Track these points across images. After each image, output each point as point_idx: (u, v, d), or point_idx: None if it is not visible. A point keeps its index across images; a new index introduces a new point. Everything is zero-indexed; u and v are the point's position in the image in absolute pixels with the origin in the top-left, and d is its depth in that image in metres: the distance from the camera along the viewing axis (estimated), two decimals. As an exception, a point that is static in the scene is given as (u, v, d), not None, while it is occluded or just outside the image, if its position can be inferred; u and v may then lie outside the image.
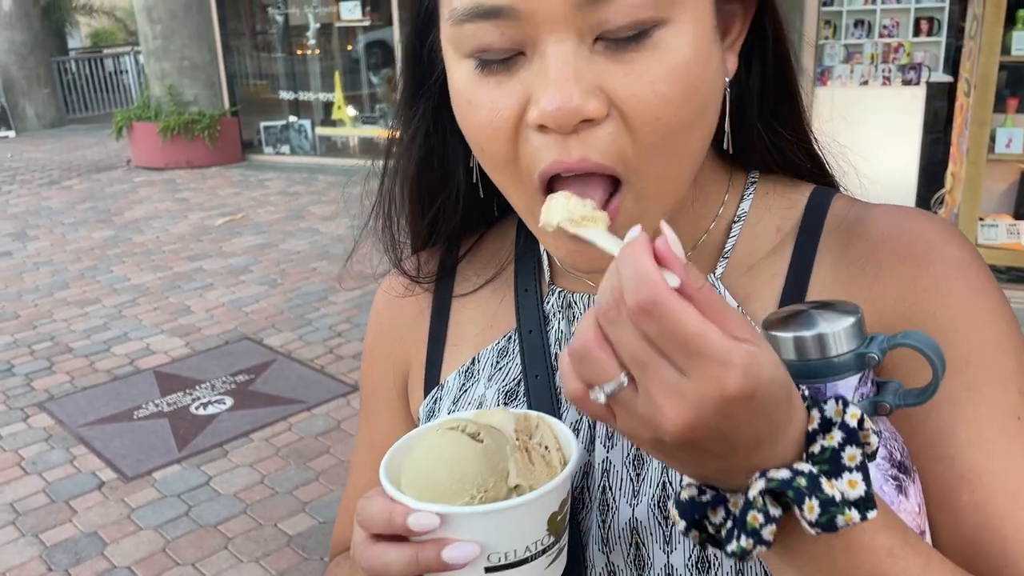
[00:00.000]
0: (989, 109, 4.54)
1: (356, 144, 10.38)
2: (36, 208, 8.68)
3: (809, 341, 0.55)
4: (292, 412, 4.18)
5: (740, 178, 0.76)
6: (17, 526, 3.39)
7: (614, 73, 0.57)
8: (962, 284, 0.65)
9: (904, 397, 0.56)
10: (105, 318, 5.55)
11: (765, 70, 0.70)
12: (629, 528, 0.67)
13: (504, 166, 0.63)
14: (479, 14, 0.57)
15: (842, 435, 0.50)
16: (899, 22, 6.60)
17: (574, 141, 0.58)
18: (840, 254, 0.69)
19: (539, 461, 0.61)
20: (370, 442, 0.90)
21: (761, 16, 0.68)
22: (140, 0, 10.03)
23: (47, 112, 14.04)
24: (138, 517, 3.41)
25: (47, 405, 4.39)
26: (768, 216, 0.74)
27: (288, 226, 7.53)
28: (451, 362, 0.80)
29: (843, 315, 0.55)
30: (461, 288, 0.82)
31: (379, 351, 0.87)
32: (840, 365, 0.55)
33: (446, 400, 0.79)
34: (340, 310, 5.45)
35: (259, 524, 3.33)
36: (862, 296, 0.67)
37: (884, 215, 0.70)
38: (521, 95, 0.59)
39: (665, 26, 0.57)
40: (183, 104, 10.10)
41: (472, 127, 0.63)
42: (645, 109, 0.58)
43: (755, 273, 0.71)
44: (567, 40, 0.56)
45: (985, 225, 4.77)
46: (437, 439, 0.62)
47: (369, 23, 10.02)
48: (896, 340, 0.55)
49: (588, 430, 0.71)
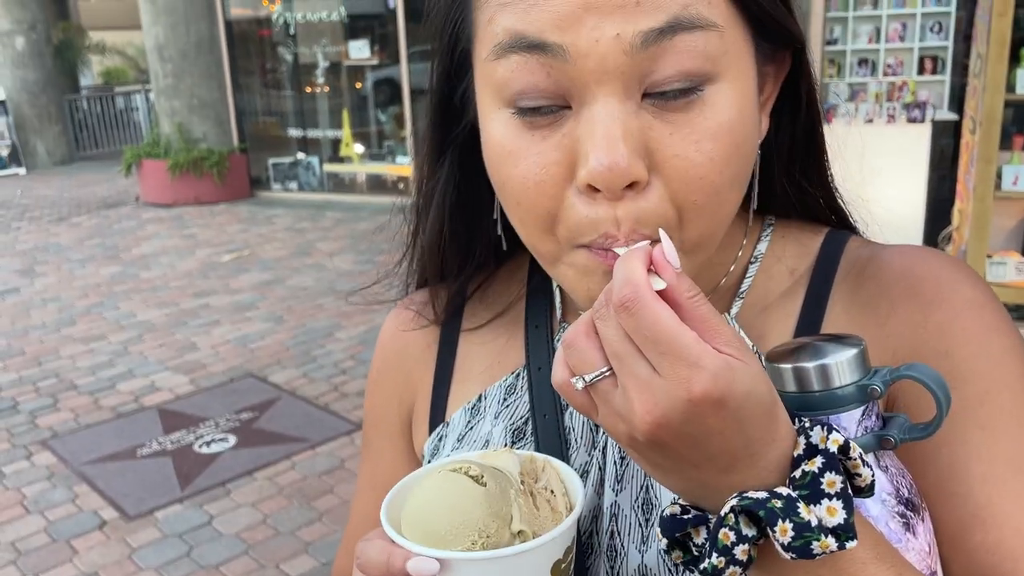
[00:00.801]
0: (995, 147, 4.54)
1: (364, 181, 10.43)
2: (44, 244, 8.73)
3: (811, 372, 0.54)
4: (296, 451, 4.14)
5: (758, 222, 0.76)
6: (18, 566, 3.36)
7: (660, 132, 0.56)
8: (975, 323, 0.64)
9: (909, 431, 0.55)
10: (111, 355, 5.54)
11: (795, 131, 0.71)
12: (639, 575, 0.66)
13: (539, 222, 0.60)
14: (525, 46, 0.55)
15: (822, 460, 0.50)
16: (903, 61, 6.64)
17: (622, 212, 0.56)
18: (852, 295, 0.69)
19: (544, 506, 0.60)
20: (371, 479, 0.89)
21: (795, 77, 0.68)
22: (152, 40, 10.17)
23: (58, 149, 14.17)
24: (139, 557, 3.38)
25: (51, 443, 4.37)
26: (783, 258, 0.74)
27: (295, 262, 7.54)
28: (457, 399, 0.79)
29: (846, 347, 0.55)
30: (469, 323, 0.81)
31: (384, 384, 0.86)
32: (842, 397, 0.54)
33: (451, 437, 0.78)
34: (345, 347, 5.43)
35: (261, 565, 3.29)
36: (874, 335, 0.66)
37: (897, 255, 0.69)
38: (569, 150, 0.57)
39: (713, 83, 0.57)
40: (192, 141, 10.19)
41: (509, 179, 0.60)
42: (689, 168, 0.56)
43: (768, 313, 0.71)
44: (615, 94, 0.55)
45: (993, 263, 4.74)
46: (439, 481, 0.60)
47: (377, 62, 10.13)
48: (899, 372, 0.54)
49: (598, 472, 0.70)
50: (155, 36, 10.10)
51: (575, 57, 0.54)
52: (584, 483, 0.70)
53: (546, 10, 0.54)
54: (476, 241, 0.78)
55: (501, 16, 0.56)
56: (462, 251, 0.79)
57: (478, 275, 0.82)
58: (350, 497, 3.70)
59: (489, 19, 0.58)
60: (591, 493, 0.70)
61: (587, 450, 0.71)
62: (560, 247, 0.61)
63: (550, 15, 0.54)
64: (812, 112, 0.70)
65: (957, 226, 5.04)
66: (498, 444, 0.74)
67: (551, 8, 0.54)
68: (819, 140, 0.72)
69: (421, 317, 0.83)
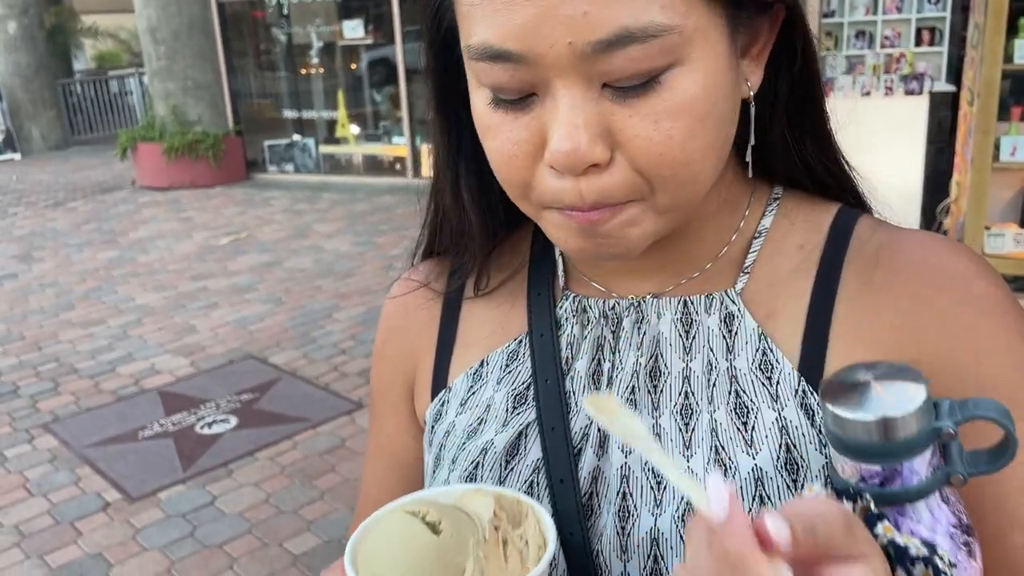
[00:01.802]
0: (993, 118, 4.52)
1: (360, 162, 10.40)
2: (41, 230, 8.71)
3: (883, 424, 0.51)
4: (297, 430, 4.16)
5: (764, 192, 0.75)
6: (22, 548, 3.38)
7: (620, 116, 0.58)
8: (1002, 327, 0.65)
9: (975, 463, 0.53)
10: (110, 338, 5.55)
11: (792, 81, 0.70)
12: (650, 539, 0.66)
13: (515, 189, 0.64)
14: (490, 56, 0.58)
15: None
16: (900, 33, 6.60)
17: (585, 185, 0.60)
18: (866, 279, 0.68)
19: (514, 556, 0.59)
20: (377, 448, 0.90)
21: (789, 28, 0.67)
22: (144, 21, 10.10)
23: (52, 134, 14.11)
24: (143, 538, 3.40)
25: (52, 426, 4.38)
26: (791, 233, 0.73)
27: (292, 244, 7.54)
28: (459, 364, 0.80)
29: (910, 387, 0.52)
30: (472, 291, 0.82)
31: (388, 355, 0.87)
32: (915, 443, 0.51)
33: (453, 403, 0.78)
34: (344, 327, 5.44)
35: (264, 543, 3.31)
36: (894, 325, 0.66)
37: (917, 242, 0.69)
38: (537, 131, 0.60)
39: (672, 68, 0.57)
40: (187, 124, 10.15)
41: (489, 151, 0.64)
42: (649, 147, 0.58)
43: (777, 291, 0.70)
44: (575, 86, 0.57)
45: (992, 234, 4.74)
46: (394, 524, 0.60)
47: (372, 41, 10.07)
48: (968, 412, 0.52)
49: (597, 434, 0.70)
50: (147, 17, 10.04)
51: (534, 60, 0.57)
52: (585, 445, 0.71)
53: (508, 19, 0.56)
54: (486, 211, 0.79)
55: (472, 17, 0.59)
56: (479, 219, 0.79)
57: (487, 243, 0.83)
58: (351, 476, 3.72)
59: (465, 15, 0.60)
60: (590, 456, 0.70)
61: (587, 414, 0.71)
62: (537, 209, 0.65)
63: (511, 24, 0.56)
64: (808, 61, 0.69)
65: (955, 198, 5.04)
66: (500, 408, 0.75)
67: (511, 18, 0.56)
68: (817, 90, 0.71)
69: (426, 288, 0.84)
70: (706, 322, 0.71)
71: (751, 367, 0.68)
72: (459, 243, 0.81)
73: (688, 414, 0.69)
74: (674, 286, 0.73)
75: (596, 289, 0.76)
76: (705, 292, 0.72)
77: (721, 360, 0.69)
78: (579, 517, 0.68)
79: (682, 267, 0.73)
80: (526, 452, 0.72)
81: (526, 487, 0.71)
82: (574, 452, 0.70)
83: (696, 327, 0.71)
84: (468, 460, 0.74)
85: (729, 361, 0.69)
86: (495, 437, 0.74)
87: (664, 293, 0.73)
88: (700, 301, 0.72)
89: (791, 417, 0.66)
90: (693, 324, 0.71)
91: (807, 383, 0.66)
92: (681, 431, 0.68)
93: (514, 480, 0.72)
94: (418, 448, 0.85)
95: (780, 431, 0.65)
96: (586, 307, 0.76)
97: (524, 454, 0.72)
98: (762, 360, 0.68)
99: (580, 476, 0.70)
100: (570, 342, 0.75)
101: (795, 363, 0.67)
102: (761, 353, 0.68)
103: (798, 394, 0.66)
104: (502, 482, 0.72)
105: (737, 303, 0.70)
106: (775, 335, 0.69)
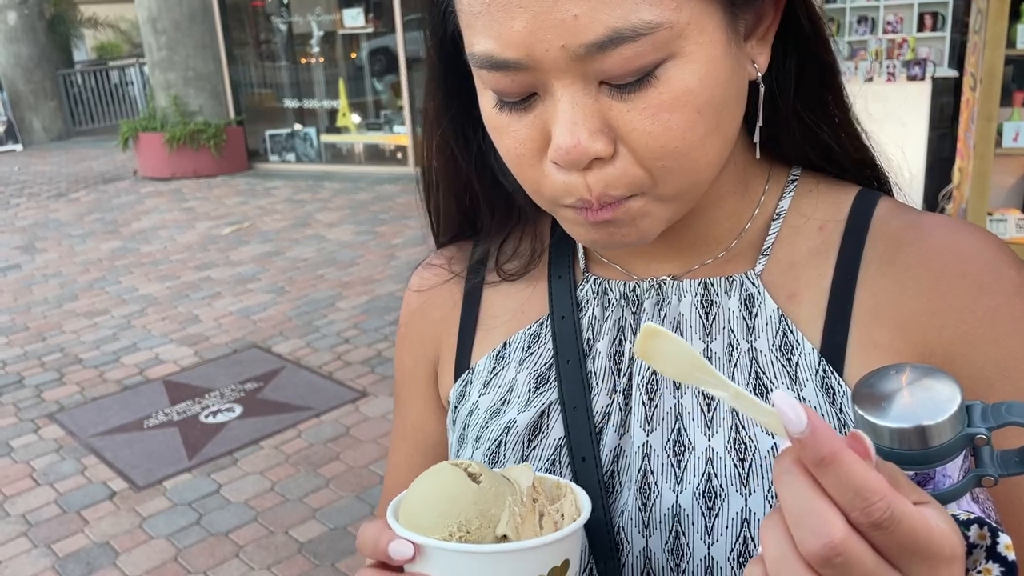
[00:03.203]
0: (995, 103, 4.51)
1: (361, 151, 10.39)
2: (44, 221, 8.72)
3: (919, 432, 0.51)
4: (301, 419, 4.18)
5: (781, 174, 0.75)
6: (29, 537, 3.40)
7: (619, 110, 0.59)
8: (1023, 311, 0.65)
9: (1006, 464, 0.53)
10: (114, 329, 5.56)
11: (801, 60, 0.70)
12: (671, 515, 0.67)
13: (527, 185, 0.66)
14: (491, 65, 0.60)
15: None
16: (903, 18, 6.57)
17: (592, 179, 0.61)
18: (888, 260, 0.68)
19: (549, 526, 0.60)
20: (402, 430, 0.91)
21: (794, 7, 0.67)
22: (144, 12, 10.08)
23: (54, 125, 14.10)
24: (149, 526, 3.42)
25: (57, 416, 4.40)
26: (811, 214, 0.73)
27: (295, 234, 7.54)
28: (482, 346, 0.81)
29: (943, 392, 0.51)
30: (493, 275, 0.83)
31: (411, 339, 0.88)
32: (949, 449, 0.51)
33: (476, 383, 0.80)
34: (347, 316, 5.45)
35: (270, 531, 3.33)
36: (916, 307, 0.66)
37: (940, 226, 0.69)
38: (541, 129, 0.62)
39: (668, 62, 0.58)
40: (188, 114, 10.14)
41: (499, 148, 0.66)
42: (648, 140, 0.59)
43: (797, 272, 0.71)
44: (573, 85, 0.58)
45: (994, 220, 4.74)
46: (436, 473, 0.61)
47: (372, 30, 10.05)
48: (1002, 417, 0.51)
49: (619, 413, 0.72)
50: (148, 7, 10.02)
51: (532, 65, 0.58)
52: (607, 424, 0.72)
53: (506, 27, 0.57)
54: (499, 198, 0.81)
55: (473, 27, 0.60)
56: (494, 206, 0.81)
57: (501, 229, 0.84)
58: (356, 463, 3.74)
59: (467, 24, 0.61)
60: (612, 434, 0.71)
61: (608, 393, 0.73)
62: (551, 205, 0.66)
63: (509, 33, 0.57)
64: (816, 38, 0.69)
65: (957, 184, 5.03)
66: (523, 389, 0.76)
67: (509, 26, 0.57)
68: (827, 67, 0.71)
69: (447, 272, 0.85)
70: (726, 304, 0.72)
71: (771, 348, 0.69)
72: (478, 226, 0.82)
73: (709, 394, 0.69)
74: (694, 268, 0.74)
75: (616, 271, 0.77)
76: (725, 274, 0.73)
77: (742, 342, 0.70)
78: (601, 494, 0.70)
79: (700, 249, 0.74)
80: (548, 431, 0.73)
81: (548, 465, 0.72)
82: (595, 431, 0.72)
83: (717, 309, 0.72)
84: (491, 439, 0.75)
85: (750, 343, 0.70)
86: (518, 416, 0.75)
87: (684, 275, 0.74)
88: (720, 283, 0.73)
89: (810, 397, 0.67)
90: (713, 306, 0.72)
91: (827, 363, 0.67)
92: (703, 411, 0.69)
93: (536, 458, 0.73)
94: (443, 432, 0.86)
95: None
96: (607, 289, 0.77)
97: (547, 433, 0.73)
98: (783, 341, 0.69)
99: (602, 454, 0.71)
100: (591, 324, 0.76)
101: (816, 344, 0.68)
102: (781, 334, 0.69)
103: (818, 374, 0.67)
104: (525, 459, 0.73)
105: (757, 285, 0.71)
106: (796, 316, 0.69)
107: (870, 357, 0.67)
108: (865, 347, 0.67)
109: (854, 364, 0.67)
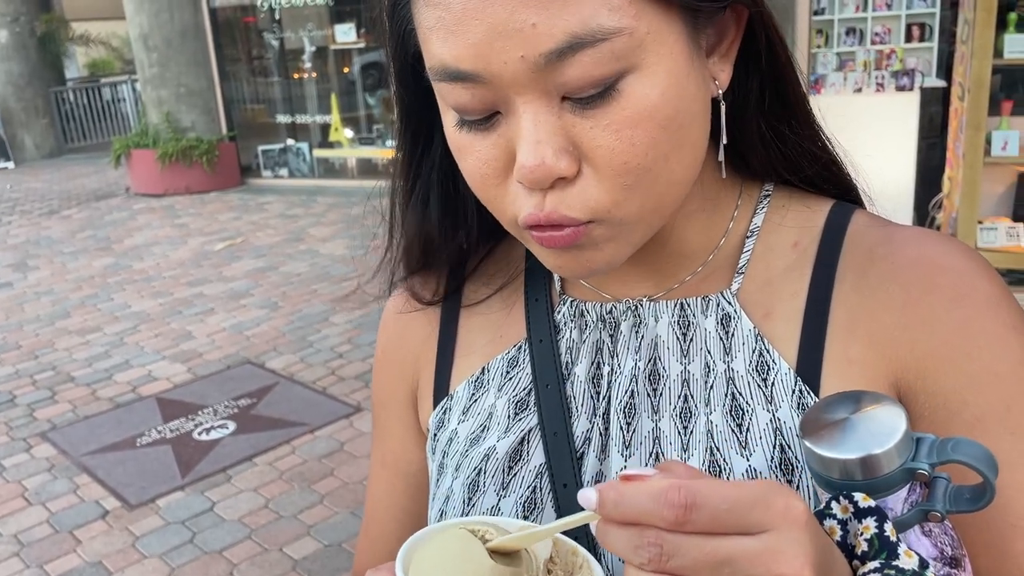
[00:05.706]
0: (984, 113, 4.54)
1: (354, 165, 10.40)
2: (36, 238, 8.70)
3: (858, 464, 0.51)
4: (295, 435, 4.16)
5: (753, 190, 0.75)
6: (21, 557, 3.38)
7: (582, 127, 0.58)
8: (996, 323, 0.64)
9: (956, 501, 0.52)
10: (106, 346, 5.54)
11: (762, 76, 0.69)
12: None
13: (492, 206, 0.65)
14: (449, 76, 0.59)
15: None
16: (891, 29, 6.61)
17: (549, 196, 0.60)
18: (862, 274, 0.68)
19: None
20: (382, 458, 0.90)
21: (753, 20, 0.66)
22: (136, 29, 10.09)
23: (45, 142, 14.08)
24: (143, 545, 3.40)
25: (49, 435, 4.38)
26: (784, 230, 0.72)
27: (288, 249, 7.53)
28: (460, 372, 0.80)
29: (887, 420, 0.52)
30: (469, 299, 0.82)
31: (388, 365, 0.87)
32: (889, 482, 0.51)
33: (455, 410, 0.79)
34: (341, 331, 5.44)
35: (264, 549, 3.31)
36: (888, 321, 0.66)
37: (912, 239, 0.68)
38: (504, 148, 0.61)
39: (629, 75, 0.57)
40: (181, 130, 10.14)
41: (463, 170, 0.65)
42: (612, 157, 0.58)
43: (773, 289, 0.70)
44: (535, 101, 0.58)
45: (984, 228, 4.76)
46: (452, 540, 0.58)
47: (364, 45, 10.07)
48: (947, 455, 0.51)
49: (599, 438, 0.71)
50: (139, 24, 10.02)
51: (490, 79, 0.57)
52: (587, 449, 0.71)
53: (462, 39, 0.56)
54: (467, 223, 0.79)
55: (430, 40, 0.59)
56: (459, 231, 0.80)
57: (476, 252, 0.83)
58: (350, 479, 3.72)
59: (425, 39, 0.60)
60: (592, 460, 0.70)
61: (588, 418, 0.72)
62: (517, 228, 0.64)
63: (464, 43, 0.56)
64: (775, 53, 0.68)
65: (947, 193, 5.06)
66: (502, 416, 0.75)
67: (465, 38, 0.56)
68: (789, 82, 0.70)
69: (421, 298, 0.84)
70: (703, 324, 0.71)
71: (748, 369, 0.68)
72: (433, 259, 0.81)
73: (687, 417, 0.69)
74: (669, 288, 0.73)
75: (592, 292, 0.76)
76: (701, 294, 0.72)
77: (719, 362, 0.69)
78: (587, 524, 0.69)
79: (674, 268, 0.73)
80: (529, 457, 0.72)
81: (529, 492, 0.71)
82: (576, 456, 0.71)
83: (693, 329, 0.71)
84: (471, 467, 0.74)
85: (727, 363, 0.69)
86: (497, 443, 0.74)
87: (660, 296, 0.73)
88: (697, 303, 0.72)
89: (785, 418, 0.66)
90: (691, 327, 0.71)
91: (804, 383, 0.66)
92: (680, 434, 0.68)
93: (517, 485, 0.72)
94: (423, 459, 0.85)
95: (775, 432, 0.65)
96: (583, 311, 0.76)
97: (527, 459, 0.72)
98: (759, 361, 0.68)
99: (583, 480, 0.70)
100: (569, 347, 0.75)
101: (792, 363, 0.67)
102: (757, 354, 0.68)
103: (794, 394, 0.66)
104: (505, 487, 0.72)
105: (733, 304, 0.70)
106: (772, 335, 0.69)
107: (846, 374, 0.66)
108: (840, 364, 0.66)
109: (830, 382, 0.66)
